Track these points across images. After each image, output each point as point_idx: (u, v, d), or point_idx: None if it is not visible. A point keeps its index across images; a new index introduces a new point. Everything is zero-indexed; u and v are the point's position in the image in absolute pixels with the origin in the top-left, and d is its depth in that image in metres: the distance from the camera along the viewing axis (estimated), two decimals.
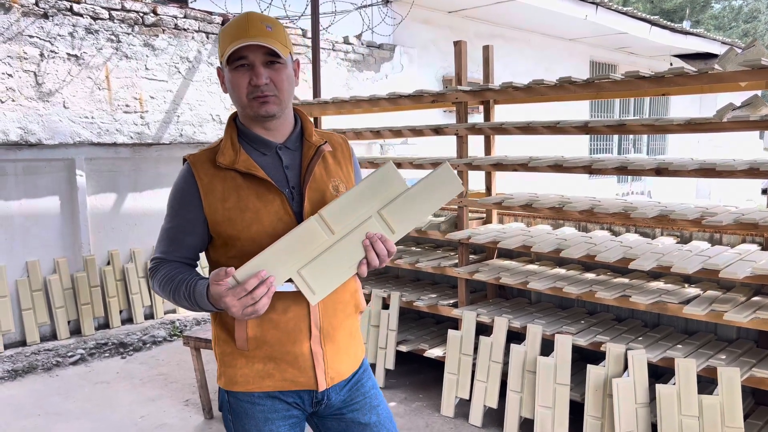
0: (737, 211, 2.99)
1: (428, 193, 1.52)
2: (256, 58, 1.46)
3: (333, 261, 1.44)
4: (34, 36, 4.82)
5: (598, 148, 11.10)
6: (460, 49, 3.87)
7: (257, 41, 1.43)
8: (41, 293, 5.00)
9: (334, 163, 1.63)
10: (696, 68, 2.88)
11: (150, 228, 5.71)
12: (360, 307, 1.70)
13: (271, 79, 1.48)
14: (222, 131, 5.98)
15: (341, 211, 1.45)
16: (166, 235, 1.57)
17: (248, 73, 1.47)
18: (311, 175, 1.55)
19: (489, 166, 3.72)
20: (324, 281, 1.43)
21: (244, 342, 1.54)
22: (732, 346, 3.05)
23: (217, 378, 1.64)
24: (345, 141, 1.72)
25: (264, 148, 1.56)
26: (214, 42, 5.93)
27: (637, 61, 11.54)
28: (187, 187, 1.53)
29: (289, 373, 1.56)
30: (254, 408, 1.58)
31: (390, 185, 1.50)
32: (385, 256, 1.46)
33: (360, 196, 1.47)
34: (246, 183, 1.51)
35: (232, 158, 1.51)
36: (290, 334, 1.53)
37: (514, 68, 8.76)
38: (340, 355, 1.61)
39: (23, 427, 3.54)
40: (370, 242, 1.44)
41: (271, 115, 1.51)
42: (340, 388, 1.64)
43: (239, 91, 1.49)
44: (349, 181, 1.65)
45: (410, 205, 1.50)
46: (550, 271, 3.64)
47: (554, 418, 3.08)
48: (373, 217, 1.47)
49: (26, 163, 4.95)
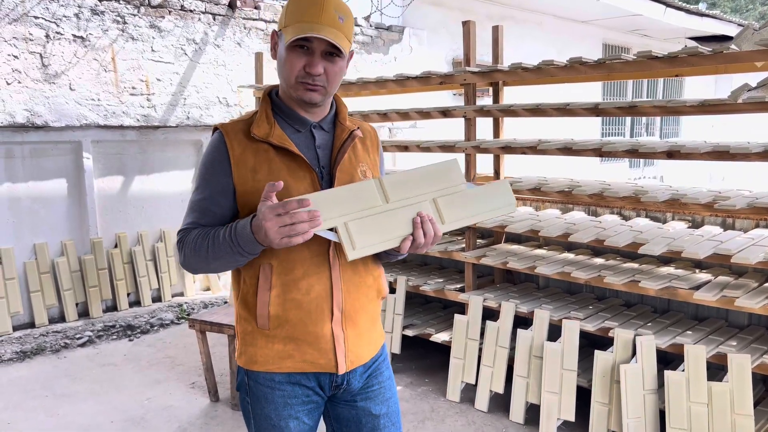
0: (751, 195, 2.92)
1: (482, 200, 1.57)
2: (318, 47, 1.45)
3: (380, 225, 1.45)
4: (39, 17, 4.79)
5: (611, 133, 10.95)
6: (469, 30, 3.80)
7: (326, 36, 1.41)
8: (49, 275, 5.02)
9: (363, 150, 1.63)
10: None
11: (157, 211, 5.71)
12: (382, 293, 1.68)
13: (325, 70, 1.47)
14: (228, 114, 5.96)
15: (401, 183, 1.49)
16: (197, 206, 1.53)
17: (305, 57, 1.45)
18: (342, 157, 1.55)
19: (497, 149, 3.67)
20: (367, 240, 1.43)
21: (266, 320, 1.51)
22: (743, 332, 3.00)
23: (237, 356, 1.62)
24: (374, 130, 1.72)
25: (299, 125, 1.55)
26: (221, 24, 5.88)
27: (651, 43, 11.34)
28: (219, 156, 1.51)
29: (309, 355, 1.54)
30: (274, 393, 1.57)
31: (450, 180, 1.54)
32: (431, 238, 1.47)
33: (420, 177, 1.51)
34: (278, 157, 1.50)
35: (267, 131, 1.50)
36: (312, 314, 1.51)
37: (525, 51, 8.62)
38: (362, 338, 1.59)
39: (31, 407, 3.56)
40: (420, 220, 1.46)
41: (314, 103, 1.51)
42: (360, 374, 1.62)
43: (291, 70, 1.47)
44: (375, 169, 1.64)
45: (463, 204, 1.54)
46: (558, 256, 3.59)
47: (561, 403, 3.05)
48: (427, 201, 1.50)
49: (33, 146, 4.95)
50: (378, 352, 1.68)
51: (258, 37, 6.17)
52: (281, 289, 1.50)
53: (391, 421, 1.68)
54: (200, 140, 5.94)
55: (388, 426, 1.67)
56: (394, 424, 1.69)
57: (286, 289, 1.50)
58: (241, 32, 6.04)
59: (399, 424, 1.71)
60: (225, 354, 4.13)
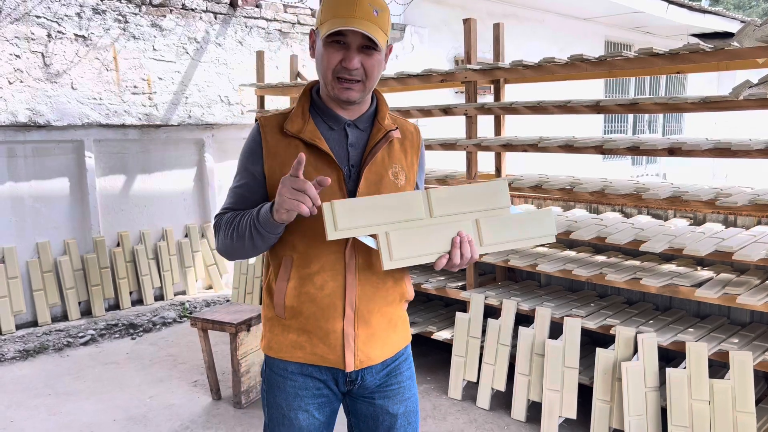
0: (752, 192, 2.91)
1: (523, 227, 1.54)
2: (354, 41, 1.45)
3: (420, 239, 1.44)
4: (41, 16, 4.79)
5: (613, 130, 10.93)
6: (470, 27, 3.79)
7: (360, 28, 1.41)
8: (52, 274, 5.04)
9: (400, 150, 1.62)
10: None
11: (159, 209, 5.72)
12: (405, 296, 1.68)
13: (363, 64, 1.47)
14: (229, 112, 5.97)
15: (446, 199, 1.48)
16: (234, 192, 1.58)
17: (342, 51, 1.46)
18: (373, 157, 1.55)
19: (498, 147, 3.66)
20: (405, 252, 1.44)
21: (282, 309, 1.56)
22: (745, 330, 2.99)
23: (261, 341, 1.68)
24: (417, 131, 1.70)
25: (333, 122, 1.56)
26: (222, 22, 5.88)
27: (654, 41, 11.31)
28: (254, 147, 1.55)
29: (319, 348, 1.56)
30: (286, 382, 1.61)
31: (496, 201, 1.53)
32: (468, 258, 1.46)
33: (467, 195, 1.50)
34: (307, 152, 1.50)
35: (300, 127, 1.52)
36: (325, 310, 1.53)
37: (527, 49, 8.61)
38: (374, 340, 1.59)
39: (34, 405, 3.57)
40: (460, 240, 1.45)
41: (350, 102, 1.51)
42: (377, 372, 1.63)
43: (327, 66, 1.47)
44: (411, 171, 1.64)
45: (504, 228, 1.52)
46: (559, 254, 3.58)
47: (562, 401, 3.05)
48: (469, 221, 1.49)
49: (35, 145, 4.96)
50: (398, 352, 1.68)
51: (259, 35, 6.17)
52: (297, 282, 1.53)
53: (408, 421, 1.69)
54: (202, 139, 5.95)
55: (404, 425, 1.68)
56: (411, 424, 1.70)
57: (301, 283, 1.53)
58: (243, 31, 6.04)
59: (416, 424, 1.72)
60: (227, 352, 4.14)
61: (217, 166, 6.11)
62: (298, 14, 6.48)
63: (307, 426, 1.62)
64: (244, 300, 5.07)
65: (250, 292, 5.05)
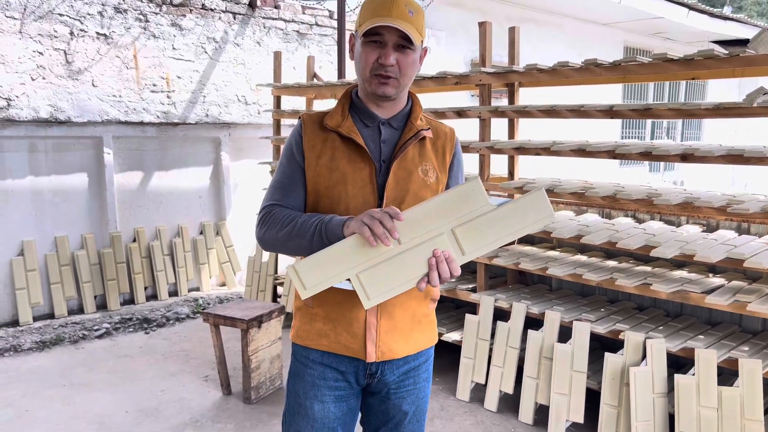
0: (765, 199, 2.89)
1: (513, 219, 1.44)
2: (390, 39, 1.52)
3: (393, 271, 1.42)
4: (64, 14, 4.89)
5: (630, 136, 10.85)
6: (485, 30, 3.81)
7: (396, 24, 1.48)
8: (69, 268, 5.12)
9: (432, 150, 1.67)
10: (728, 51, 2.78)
11: (175, 206, 5.80)
12: (431, 294, 1.70)
13: (398, 62, 1.54)
14: (246, 112, 6.03)
15: (414, 221, 1.41)
16: (278, 185, 1.64)
17: (378, 50, 1.53)
18: (403, 153, 1.60)
19: (512, 150, 3.67)
20: (380, 289, 1.43)
21: (310, 299, 1.62)
22: (756, 338, 2.97)
23: (291, 331, 1.73)
24: (453, 133, 1.73)
25: (369, 120, 1.63)
26: (241, 23, 5.95)
27: (674, 47, 11.22)
28: (296, 141, 1.63)
29: (343, 337, 1.61)
30: (306, 371, 1.66)
31: (472, 203, 1.43)
32: (447, 278, 1.44)
33: (437, 209, 1.42)
34: (343, 146, 1.59)
35: (339, 122, 1.61)
36: (349, 299, 1.57)
37: (545, 53, 8.59)
38: (396, 333, 1.63)
39: (49, 396, 3.64)
40: (435, 261, 1.42)
41: (387, 96, 1.58)
42: (397, 367, 1.66)
43: (365, 64, 1.55)
44: (443, 171, 1.67)
45: (488, 229, 1.43)
46: (570, 258, 3.58)
47: (570, 405, 3.04)
48: (445, 234, 1.42)
49: (56, 140, 5.05)
50: (420, 352, 1.71)
51: (277, 36, 6.23)
52: None
53: (417, 418, 1.74)
54: (218, 137, 6.02)
55: (413, 422, 1.74)
56: (419, 421, 1.76)
57: None
58: (261, 31, 6.11)
59: (423, 422, 1.77)
60: (238, 348, 4.18)
61: (233, 165, 6.18)
62: (316, 15, 6.53)
63: (321, 417, 1.65)
64: (256, 297, 5.11)
65: (262, 290, 5.10)
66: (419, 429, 1.76)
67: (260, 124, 6.20)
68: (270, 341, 3.65)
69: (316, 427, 1.65)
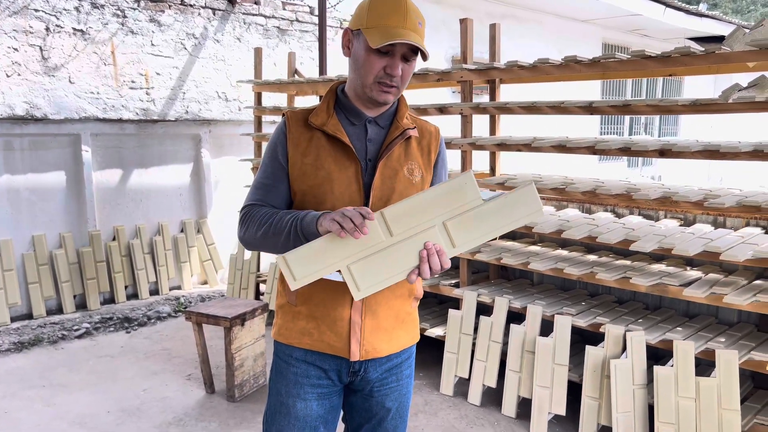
0: (741, 193, 2.95)
1: (502, 213, 1.46)
2: (400, 50, 1.51)
3: (384, 263, 1.43)
4: (39, 10, 4.81)
5: (609, 132, 10.97)
6: (466, 27, 3.83)
7: (412, 40, 1.47)
8: (47, 267, 5.05)
9: (417, 148, 1.67)
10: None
11: (155, 204, 5.74)
12: (414, 293, 1.71)
13: (402, 72, 1.54)
14: (227, 109, 5.99)
15: (405, 214, 1.43)
16: (259, 185, 1.63)
17: (386, 59, 1.51)
18: (389, 152, 1.60)
19: (493, 146, 3.70)
20: (371, 281, 1.44)
21: (294, 296, 1.62)
22: (732, 329, 3.03)
23: (272, 329, 1.73)
24: (437, 132, 1.74)
25: (355, 118, 1.62)
26: (221, 19, 5.90)
27: (651, 43, 11.36)
28: (280, 137, 1.62)
29: (327, 336, 1.61)
30: (288, 368, 1.66)
31: (463, 197, 1.44)
32: (438, 270, 1.45)
33: (429, 202, 1.44)
34: (329, 144, 1.58)
35: (324, 120, 1.59)
36: (334, 297, 1.58)
37: (526, 50, 8.64)
38: (379, 331, 1.63)
39: (29, 397, 3.60)
40: (427, 253, 1.43)
41: (386, 104, 1.58)
42: (380, 365, 1.67)
43: (370, 71, 1.52)
44: (428, 170, 1.68)
45: (479, 222, 1.45)
46: (551, 253, 3.62)
47: (552, 398, 3.08)
48: (436, 226, 1.44)
49: (32, 138, 4.97)
50: (403, 350, 1.72)
51: (258, 32, 6.20)
52: None
53: (399, 415, 1.75)
54: (198, 134, 5.97)
55: (396, 418, 1.75)
56: (402, 417, 1.77)
57: None
58: (241, 27, 6.06)
59: (406, 417, 1.79)
60: (221, 347, 4.16)
61: (214, 162, 6.13)
62: (297, 11, 6.50)
63: (303, 416, 1.65)
64: (239, 295, 5.09)
65: (245, 287, 5.08)
66: (402, 425, 1.78)
67: (241, 120, 6.17)
68: (254, 339, 3.64)
69: (298, 426, 1.65)
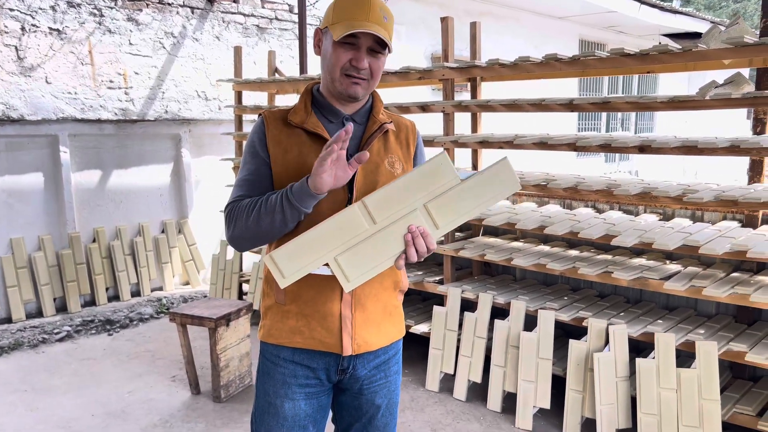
0: (718, 188, 3.02)
1: (481, 190, 1.47)
2: (365, 43, 1.53)
3: (371, 251, 1.44)
4: (14, 9, 4.73)
5: (587, 128, 11.11)
6: (447, 26, 3.85)
7: (373, 30, 1.50)
8: (26, 270, 4.98)
9: (396, 142, 1.69)
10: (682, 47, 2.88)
11: (135, 205, 5.69)
12: (399, 285, 1.73)
13: (370, 66, 1.56)
14: (207, 108, 5.95)
15: (386, 200, 1.44)
16: (242, 183, 1.62)
17: (352, 52, 1.54)
18: (369, 147, 1.62)
19: (475, 144, 3.73)
20: (359, 270, 1.45)
21: (282, 295, 1.61)
22: (711, 321, 3.10)
23: (259, 331, 1.72)
24: (413, 126, 1.77)
25: (332, 116, 1.64)
26: (200, 17, 5.85)
27: (627, 40, 11.52)
28: (260, 136, 1.62)
29: (318, 332, 1.61)
30: (276, 369, 1.65)
31: (441, 178, 1.46)
32: (425, 252, 1.47)
33: (407, 186, 1.45)
34: (310, 141, 1.60)
35: (303, 118, 1.61)
36: (323, 292, 1.59)
37: (503, 46, 8.71)
38: (369, 324, 1.64)
39: (10, 401, 3.55)
40: (411, 237, 1.45)
41: (355, 97, 1.59)
42: (368, 362, 1.68)
43: (336, 64, 1.55)
44: (408, 162, 1.70)
45: (459, 201, 1.47)
46: (534, 248, 3.67)
47: (536, 391, 3.13)
48: (418, 209, 1.45)
49: (9, 139, 4.89)
50: (391, 345, 1.73)
51: (237, 30, 6.16)
52: None
53: (389, 411, 1.76)
54: (178, 134, 5.92)
55: (386, 415, 1.75)
56: (392, 413, 1.78)
57: None
58: (220, 26, 6.02)
59: (395, 414, 1.79)
60: (205, 347, 4.14)
61: (194, 162, 6.09)
62: (276, 10, 6.47)
63: (292, 416, 1.65)
64: (222, 296, 5.07)
65: (228, 287, 5.05)
66: (392, 422, 1.79)
67: (221, 119, 6.13)
68: (239, 339, 3.63)
69: (287, 425, 1.65)
